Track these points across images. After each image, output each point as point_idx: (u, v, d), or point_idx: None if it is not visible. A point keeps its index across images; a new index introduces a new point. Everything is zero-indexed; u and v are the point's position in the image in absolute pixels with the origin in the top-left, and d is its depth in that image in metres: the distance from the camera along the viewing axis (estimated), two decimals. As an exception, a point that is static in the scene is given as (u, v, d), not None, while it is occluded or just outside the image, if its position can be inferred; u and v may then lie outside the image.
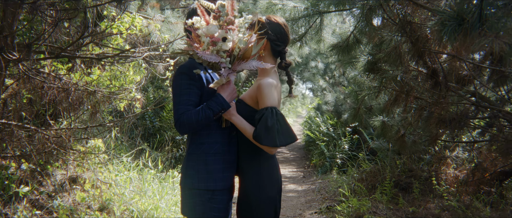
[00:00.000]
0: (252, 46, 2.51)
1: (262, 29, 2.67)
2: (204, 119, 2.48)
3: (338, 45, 4.88)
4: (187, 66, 2.59)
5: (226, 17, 2.48)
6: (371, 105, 6.34)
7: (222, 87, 2.57)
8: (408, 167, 6.65)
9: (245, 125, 2.56)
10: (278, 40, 2.69)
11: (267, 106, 2.50)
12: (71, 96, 3.79)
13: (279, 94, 2.66)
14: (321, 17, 5.03)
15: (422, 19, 3.67)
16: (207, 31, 2.46)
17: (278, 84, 2.66)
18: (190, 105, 2.53)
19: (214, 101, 2.51)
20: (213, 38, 2.44)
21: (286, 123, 2.52)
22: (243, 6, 7.63)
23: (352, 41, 4.77)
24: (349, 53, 4.76)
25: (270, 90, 2.53)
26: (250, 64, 2.50)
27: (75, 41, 2.97)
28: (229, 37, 2.45)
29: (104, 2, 3.31)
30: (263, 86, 2.54)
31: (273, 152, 2.56)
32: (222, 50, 2.46)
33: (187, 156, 2.67)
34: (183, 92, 2.54)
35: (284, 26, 2.72)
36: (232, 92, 2.58)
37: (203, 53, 2.44)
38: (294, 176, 9.30)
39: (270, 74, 2.68)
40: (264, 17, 2.74)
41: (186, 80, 2.55)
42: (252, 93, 2.65)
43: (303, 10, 4.98)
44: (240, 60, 2.52)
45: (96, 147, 4.73)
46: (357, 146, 9.33)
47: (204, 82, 2.61)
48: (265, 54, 2.71)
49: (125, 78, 4.58)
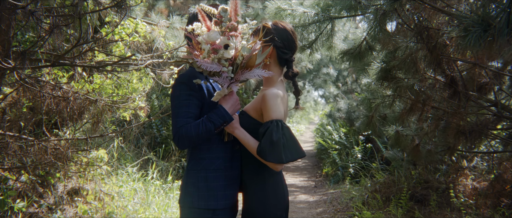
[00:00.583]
0: (256, 54, 2.32)
1: (268, 36, 2.48)
2: (204, 133, 2.29)
3: (350, 52, 4.67)
4: (186, 75, 2.41)
5: (229, 22, 2.29)
6: (385, 113, 6.11)
7: (224, 98, 2.38)
8: (423, 178, 6.40)
9: (249, 140, 2.36)
10: (285, 47, 2.50)
11: (272, 119, 2.31)
12: (70, 106, 3.63)
13: (285, 106, 2.46)
14: (332, 23, 4.83)
15: (439, 24, 3.46)
16: (207, 37, 2.28)
17: (285, 95, 2.47)
18: (190, 117, 2.34)
19: (215, 114, 2.33)
20: (214, 45, 2.25)
21: (292, 137, 2.31)
22: (252, 11, 7.46)
23: (365, 48, 4.56)
24: (362, 60, 4.55)
25: (275, 102, 2.34)
26: (254, 74, 2.30)
27: (71, 49, 2.81)
28: (232, 44, 2.26)
29: (102, 8, 3.15)
30: (268, 97, 2.35)
31: (279, 169, 2.35)
32: (224, 58, 2.28)
33: (187, 172, 2.48)
34: (182, 104, 2.36)
35: (291, 32, 2.53)
36: (234, 104, 2.39)
37: (203, 61, 2.25)
38: (305, 186, 9.07)
39: (276, 84, 2.49)
40: (270, 23, 2.55)
41: (186, 90, 2.37)
42: (257, 105, 2.46)
43: (313, 15, 4.79)
44: (243, 69, 2.33)
45: (98, 157, 4.57)
46: (370, 155, 9.07)
47: (204, 92, 2.42)
48: (270, 63, 2.51)
49: (128, 86, 4.42)
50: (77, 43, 2.79)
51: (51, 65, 2.96)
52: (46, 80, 3.67)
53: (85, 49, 3.33)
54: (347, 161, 9.21)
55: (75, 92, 3.96)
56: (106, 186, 4.92)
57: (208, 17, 2.41)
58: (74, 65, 3.25)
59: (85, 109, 4.24)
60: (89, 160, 4.51)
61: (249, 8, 7.82)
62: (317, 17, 4.79)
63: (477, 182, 5.92)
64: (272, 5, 4.85)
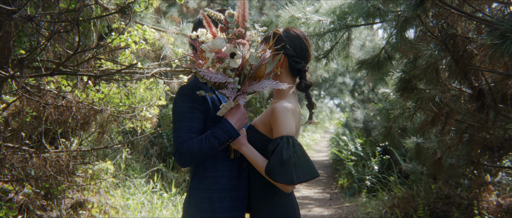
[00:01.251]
0: (266, 64, 2.11)
1: (279, 43, 2.26)
2: (208, 149, 2.08)
3: (368, 62, 4.43)
4: (190, 86, 2.21)
5: (236, 29, 2.09)
6: (405, 125, 5.85)
7: (230, 111, 2.17)
8: (444, 193, 6.10)
9: (257, 157, 2.15)
10: (298, 56, 2.28)
11: (282, 135, 2.09)
12: (72, 115, 3.46)
13: (297, 120, 2.24)
14: (349, 31, 4.59)
15: (465, 31, 3.21)
16: (212, 45, 2.08)
17: (297, 108, 2.25)
18: (193, 132, 2.14)
19: (220, 129, 2.12)
20: (219, 53, 2.05)
21: (305, 156, 2.09)
22: (266, 19, 7.27)
23: (383, 57, 4.32)
24: (380, 70, 4.30)
25: (286, 116, 2.12)
26: (263, 85, 2.09)
27: (70, 57, 2.64)
28: (239, 52, 2.05)
29: (105, 14, 2.98)
30: (278, 111, 2.13)
31: (289, 190, 2.12)
32: (229, 68, 2.07)
33: (189, 191, 2.27)
34: (185, 117, 2.15)
35: (304, 39, 2.31)
36: (241, 118, 2.18)
37: (207, 71, 2.05)
38: (320, 198, 8.80)
39: (287, 96, 2.27)
40: (281, 29, 2.34)
41: (188, 103, 2.17)
42: (266, 119, 2.24)
43: (329, 24, 4.56)
44: (251, 80, 2.12)
45: (103, 169, 4.39)
46: (388, 167, 8.77)
47: (209, 105, 2.22)
48: (281, 73, 2.30)
49: (135, 96, 4.24)
50: (76, 51, 2.62)
51: (50, 74, 2.80)
52: (48, 89, 3.50)
53: (88, 56, 3.16)
54: (364, 173, 8.92)
55: (79, 102, 3.80)
56: (112, 198, 4.74)
57: (214, 23, 2.22)
58: (74, 74, 3.08)
59: (90, 119, 4.07)
60: (94, 172, 4.33)
61: (263, 16, 7.64)
62: (333, 26, 4.56)
63: (502, 198, 5.61)
64: (286, 14, 4.64)
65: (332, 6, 4.65)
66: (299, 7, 4.65)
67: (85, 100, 3.88)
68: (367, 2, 3.44)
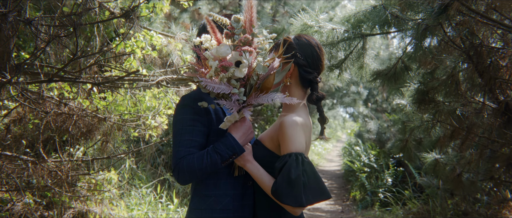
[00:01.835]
0: (274, 73, 1.93)
1: (289, 51, 2.09)
2: (209, 166, 1.91)
3: (383, 73, 4.23)
4: (192, 96, 2.04)
5: (242, 35, 1.91)
6: (421, 137, 5.63)
7: (234, 125, 1.99)
8: (462, 210, 5.85)
9: (263, 176, 1.96)
10: (309, 65, 2.10)
11: (290, 151, 1.90)
12: (73, 123, 3.31)
13: (308, 136, 2.05)
14: (364, 40, 4.40)
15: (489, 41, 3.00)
16: (216, 52, 1.91)
17: (308, 123, 2.06)
18: (193, 147, 1.96)
19: (223, 144, 1.94)
20: (223, 62, 1.88)
21: (315, 175, 1.90)
22: (278, 26, 7.10)
23: (400, 68, 4.12)
24: (397, 81, 4.10)
25: (295, 131, 1.94)
26: (271, 97, 1.91)
27: (68, 63, 2.49)
28: (245, 61, 1.88)
29: (108, 18, 2.83)
30: (287, 125, 1.95)
31: (298, 213, 1.93)
32: (234, 77, 1.90)
33: (189, 211, 2.09)
34: (185, 130, 1.98)
35: (317, 48, 2.13)
36: (246, 132, 2.00)
37: (209, 81, 1.88)
38: (332, 210, 8.56)
39: (297, 109, 2.09)
40: (292, 36, 2.16)
41: (190, 114, 2.00)
42: (273, 133, 2.06)
43: (343, 32, 4.37)
44: (258, 91, 1.94)
45: (106, 179, 4.23)
46: (402, 180, 8.51)
47: (212, 117, 2.04)
48: (291, 84, 2.12)
49: (142, 104, 4.08)
50: (75, 56, 2.47)
51: (48, 80, 2.66)
52: (47, 95, 3.36)
53: (90, 63, 3.01)
54: (377, 185, 8.68)
55: (82, 109, 3.65)
56: (116, 209, 4.58)
57: (219, 28, 2.04)
58: (73, 80, 2.94)
59: (94, 128, 3.93)
60: (97, 182, 4.18)
61: (275, 23, 7.48)
62: (347, 35, 4.37)
63: (523, 217, 5.35)
64: (298, 22, 4.45)
65: (347, 14, 4.47)
66: (312, 15, 4.47)
67: (88, 108, 3.73)
68: (384, 10, 3.25)
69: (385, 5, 3.28)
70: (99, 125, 3.92)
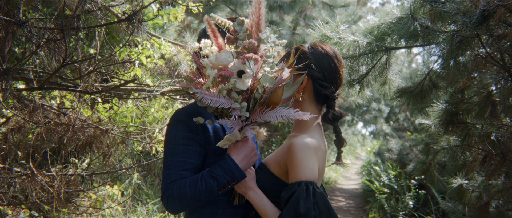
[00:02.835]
0: (283, 86, 1.63)
1: (303, 61, 1.79)
2: (204, 194, 1.62)
3: (409, 90, 3.90)
4: (187, 111, 1.77)
5: (247, 40, 1.63)
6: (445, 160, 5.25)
7: (234, 146, 1.70)
8: (489, 240, 5.42)
9: (266, 207, 1.66)
10: (325, 78, 1.80)
11: (300, 180, 1.60)
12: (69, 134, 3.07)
13: (322, 161, 1.75)
14: (388, 54, 4.07)
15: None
16: (215, 60, 1.63)
17: (321, 145, 1.75)
18: (187, 170, 1.68)
19: (221, 167, 1.65)
20: (223, 71, 1.59)
21: (329, 210, 1.59)
22: (298, 39, 6.82)
23: (427, 86, 3.78)
24: (423, 100, 3.76)
25: (306, 155, 1.64)
26: (278, 114, 1.62)
27: (58, 70, 2.25)
28: (248, 70, 1.59)
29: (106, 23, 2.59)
30: (297, 148, 1.65)
31: None
32: (236, 89, 1.61)
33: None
34: (178, 150, 1.70)
35: (335, 58, 1.83)
36: (249, 155, 1.71)
37: (206, 93, 1.59)
38: (348, 233, 8.16)
39: (310, 129, 1.79)
40: (307, 44, 1.87)
41: (184, 132, 1.72)
42: (280, 157, 1.76)
43: (365, 45, 4.05)
44: (263, 107, 1.65)
45: (108, 195, 3.97)
46: (424, 203, 8.07)
47: (210, 135, 1.76)
48: (304, 99, 1.82)
49: (148, 116, 3.82)
50: (64, 62, 2.22)
51: (38, 88, 2.42)
52: (48, 103, 3.13)
53: (89, 70, 2.77)
54: (397, 208, 8.26)
55: (83, 120, 3.41)
56: (119, 226, 4.31)
57: (222, 33, 1.76)
58: (64, 88, 2.70)
59: (96, 140, 3.69)
60: (98, 197, 3.92)
61: (295, 35, 7.21)
62: (370, 47, 4.06)
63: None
64: (316, 33, 4.15)
65: (370, 26, 4.15)
66: (332, 26, 4.17)
67: (91, 118, 3.49)
68: (413, 20, 2.93)
69: (414, 15, 2.97)
70: (102, 137, 3.67)
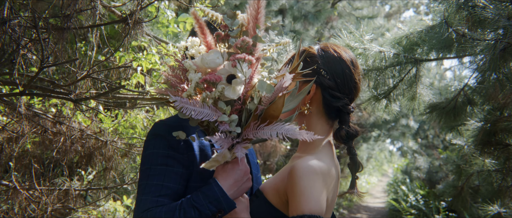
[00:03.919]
0: (284, 96, 1.30)
1: (310, 66, 1.46)
2: (183, 226, 1.30)
3: (440, 106, 3.52)
4: (168, 124, 1.46)
5: (240, 38, 1.31)
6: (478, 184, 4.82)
7: (222, 168, 1.38)
8: None
9: None
10: (338, 87, 1.46)
11: (302, 213, 1.27)
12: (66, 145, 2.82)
13: (332, 190, 1.41)
14: (418, 66, 3.70)
15: None
16: (201, 62, 1.32)
17: (331, 170, 1.41)
18: (164, 196, 1.37)
19: (204, 194, 1.33)
20: (209, 75, 1.28)
21: None
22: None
23: (462, 102, 3.39)
24: (457, 118, 3.38)
25: (311, 182, 1.30)
26: (277, 130, 1.29)
27: (37, 74, 1.98)
28: (240, 75, 1.27)
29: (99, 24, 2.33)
30: (300, 173, 1.31)
31: None
32: (224, 98, 1.29)
33: None
34: (155, 171, 1.39)
35: (350, 64, 1.50)
36: (240, 179, 1.38)
37: (186, 101, 1.28)
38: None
39: (318, 149, 1.45)
40: (316, 46, 1.54)
41: (163, 149, 1.41)
42: (280, 183, 1.42)
43: (393, 56, 3.69)
44: (257, 121, 1.32)
45: (110, 212, 3.70)
46: (455, 228, 7.58)
47: (195, 154, 1.44)
48: (312, 112, 1.48)
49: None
50: (42, 66, 1.95)
51: (19, 94, 2.16)
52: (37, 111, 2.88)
53: (82, 76, 2.50)
54: (426, 232, 7.78)
55: (80, 130, 3.16)
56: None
57: (212, 29, 1.45)
58: (45, 95, 2.44)
59: (97, 152, 3.44)
60: (97, 214, 3.65)
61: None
62: (397, 59, 3.69)
63: None
64: (339, 42, 3.81)
65: (398, 36, 3.80)
66: (356, 35, 3.83)
67: (88, 129, 3.24)
68: (447, 27, 2.57)
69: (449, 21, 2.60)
70: (104, 149, 3.42)
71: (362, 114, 10.08)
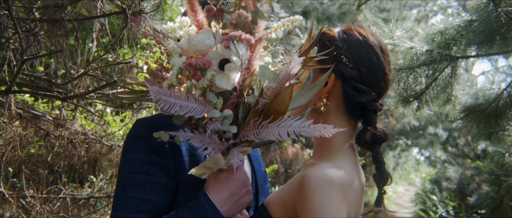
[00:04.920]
0: (292, 86, 1.01)
1: (329, 53, 1.16)
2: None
3: (479, 109, 3.17)
4: (150, 122, 1.19)
5: (237, 13, 1.02)
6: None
7: (215, 179, 1.09)
8: None
9: None
10: (362, 79, 1.15)
11: None
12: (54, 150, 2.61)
13: (355, 204, 1.11)
14: (454, 64, 3.35)
15: None
16: (187, 43, 1.05)
17: (356, 180, 1.10)
18: (143, 211, 1.09)
19: (190, 211, 1.05)
20: (195, 60, 1.00)
21: None
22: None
23: (504, 103, 3.05)
24: (498, 121, 3.03)
25: (327, 197, 1.00)
26: (284, 128, 0.99)
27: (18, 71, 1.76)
28: (235, 58, 0.99)
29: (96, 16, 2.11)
30: (313, 184, 1.01)
31: None
32: (216, 89, 1.01)
33: None
34: (133, 181, 1.12)
35: (379, 50, 1.19)
36: (237, 192, 1.09)
37: (165, 92, 1.00)
38: None
39: (337, 155, 1.14)
40: (337, 29, 1.24)
41: (144, 153, 1.14)
42: (287, 196, 1.12)
43: (425, 53, 3.36)
44: (260, 118, 1.03)
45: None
46: (489, 243, 7.12)
47: (184, 160, 1.16)
48: (329, 109, 1.18)
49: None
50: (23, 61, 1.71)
51: (5, 92, 1.94)
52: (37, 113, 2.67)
53: (79, 74, 2.28)
54: (457, 246, 7.37)
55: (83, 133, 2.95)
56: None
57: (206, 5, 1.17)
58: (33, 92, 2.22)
59: (103, 157, 3.23)
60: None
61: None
62: (431, 56, 3.36)
63: None
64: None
65: (431, 32, 3.48)
66: (386, 31, 3.51)
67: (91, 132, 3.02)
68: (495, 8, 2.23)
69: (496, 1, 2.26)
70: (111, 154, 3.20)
71: (389, 120, 9.65)
